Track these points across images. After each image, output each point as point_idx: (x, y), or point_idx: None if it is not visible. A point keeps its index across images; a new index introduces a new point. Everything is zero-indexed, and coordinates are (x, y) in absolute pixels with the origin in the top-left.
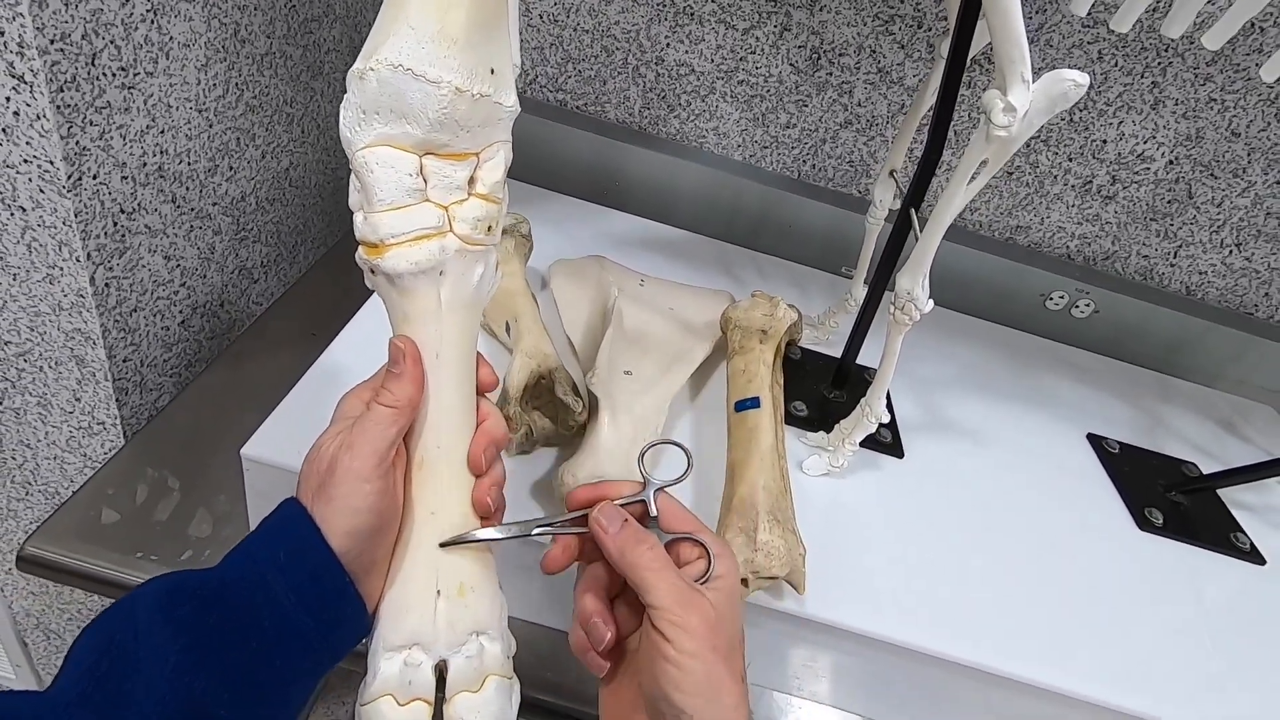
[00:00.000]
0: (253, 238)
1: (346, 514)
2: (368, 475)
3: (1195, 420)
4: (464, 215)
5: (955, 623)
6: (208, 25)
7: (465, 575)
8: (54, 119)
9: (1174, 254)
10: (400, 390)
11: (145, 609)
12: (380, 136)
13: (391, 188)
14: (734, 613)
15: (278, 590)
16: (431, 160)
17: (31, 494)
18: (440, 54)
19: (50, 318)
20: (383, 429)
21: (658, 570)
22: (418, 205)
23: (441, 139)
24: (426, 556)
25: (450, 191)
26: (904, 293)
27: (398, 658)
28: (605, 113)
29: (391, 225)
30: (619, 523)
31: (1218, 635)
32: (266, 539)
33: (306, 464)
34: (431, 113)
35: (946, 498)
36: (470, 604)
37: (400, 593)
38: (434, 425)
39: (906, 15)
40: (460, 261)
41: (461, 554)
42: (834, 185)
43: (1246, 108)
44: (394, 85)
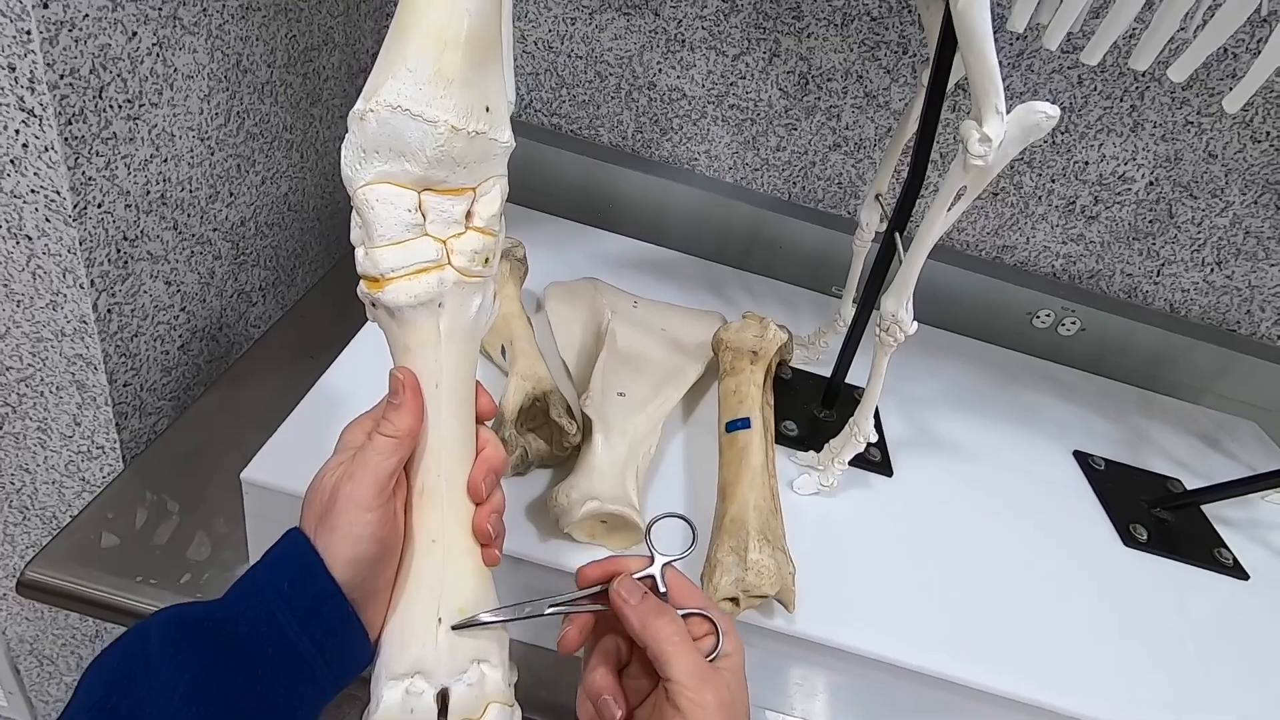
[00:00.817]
0: (251, 262)
1: (349, 543)
2: (369, 504)
3: (1179, 436)
4: (461, 248)
5: (944, 639)
6: (211, 57)
7: (467, 603)
8: (62, 150)
9: (1157, 272)
10: (400, 421)
11: (155, 641)
12: (380, 174)
13: (391, 223)
14: (743, 692)
15: (283, 620)
16: (430, 196)
17: (29, 518)
18: (437, 94)
19: (52, 343)
20: (383, 459)
21: (678, 644)
22: (417, 240)
23: (439, 175)
24: (428, 584)
25: (448, 226)
26: (889, 314)
27: (400, 686)
28: (599, 136)
29: (392, 260)
30: (639, 595)
31: (1203, 650)
32: (271, 570)
33: (309, 493)
34: (429, 150)
35: (935, 515)
36: (471, 631)
37: (402, 621)
38: (434, 454)
39: (891, 41)
40: (458, 293)
41: (463, 581)
42: (823, 206)
43: (1222, 130)
44: (393, 125)
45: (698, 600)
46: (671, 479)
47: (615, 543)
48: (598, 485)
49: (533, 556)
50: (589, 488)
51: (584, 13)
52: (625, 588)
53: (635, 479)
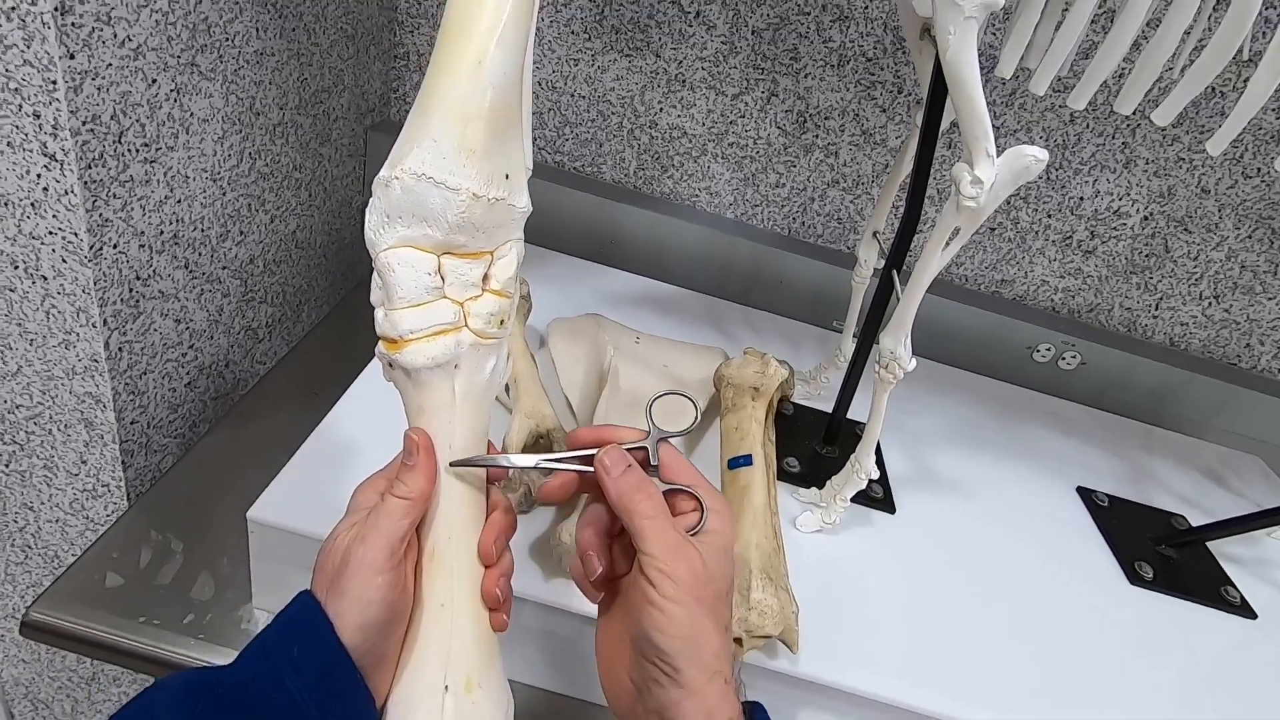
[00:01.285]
0: (259, 299)
1: (359, 607)
2: (380, 567)
3: (1183, 472)
4: (478, 311)
5: (949, 681)
6: (226, 101)
7: (473, 671)
8: (81, 194)
9: (1155, 306)
10: (414, 482)
11: (163, 709)
12: (402, 239)
13: (411, 286)
14: (723, 568)
15: (291, 688)
16: (449, 259)
17: (31, 558)
18: (460, 164)
19: (63, 382)
20: (395, 521)
21: (652, 518)
22: (436, 302)
23: (459, 240)
24: (435, 651)
25: (466, 288)
26: (887, 352)
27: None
28: (602, 174)
29: (411, 322)
30: (622, 467)
31: (1212, 690)
32: (281, 634)
33: (321, 555)
34: (451, 217)
35: (939, 553)
36: (478, 701)
37: (408, 688)
38: (445, 516)
39: (887, 81)
40: (474, 355)
41: (469, 645)
42: (823, 242)
43: (1214, 165)
44: (416, 192)
45: (690, 477)
46: None
47: None
48: None
49: (535, 596)
50: None
51: (587, 54)
52: (610, 458)
53: None
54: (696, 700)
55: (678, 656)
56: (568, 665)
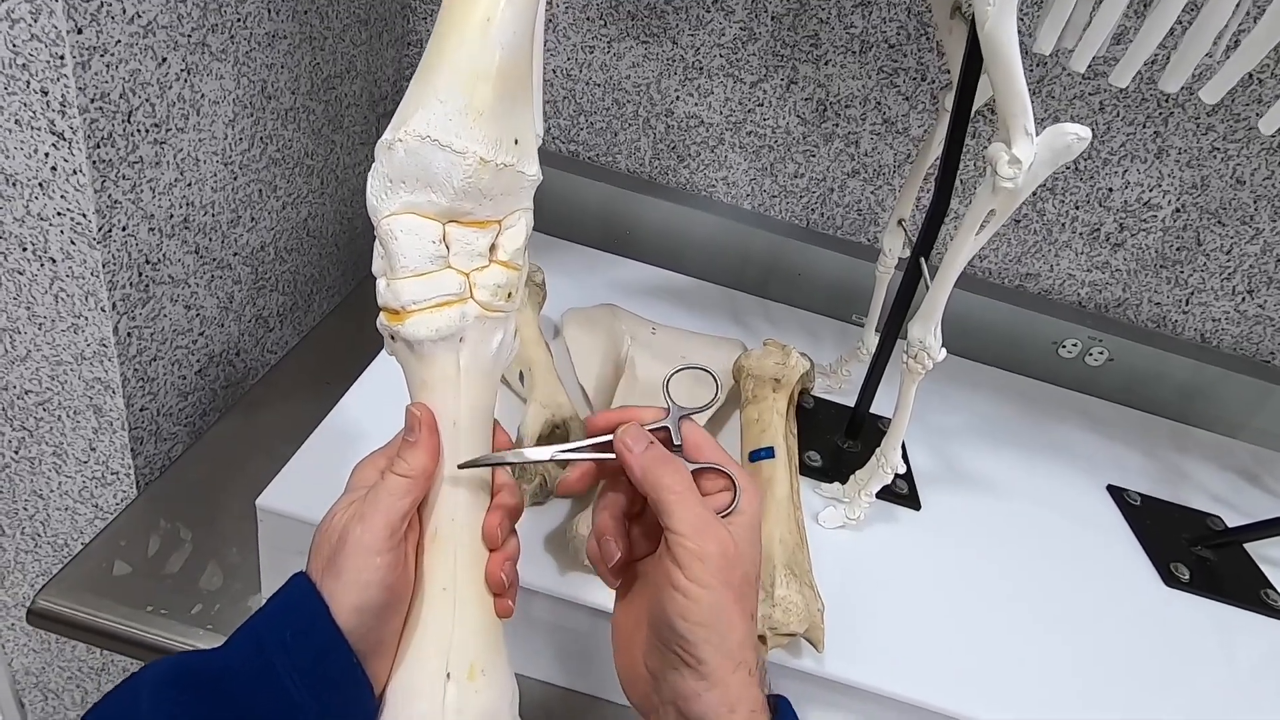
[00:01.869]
0: (270, 286)
1: (355, 589)
2: (379, 548)
3: (1216, 471)
4: (485, 282)
5: (977, 682)
6: (237, 83)
7: (476, 656)
8: (90, 174)
9: (1186, 301)
10: (415, 460)
11: (149, 693)
12: (405, 205)
13: (415, 254)
14: (753, 551)
15: (282, 675)
16: (454, 228)
17: (40, 545)
18: (466, 126)
19: (72, 367)
20: (395, 500)
21: (680, 494)
22: (440, 272)
23: (465, 207)
24: (436, 637)
25: (472, 258)
26: (916, 342)
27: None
28: (617, 163)
29: (414, 292)
30: (644, 443)
31: (1250, 696)
32: (273, 618)
33: (318, 535)
34: (456, 182)
35: (966, 551)
36: (481, 689)
37: (409, 675)
38: (449, 496)
39: (910, 69)
40: (480, 328)
41: (473, 631)
42: (842, 233)
43: (1250, 156)
44: (421, 155)
45: (715, 454)
46: None
47: None
48: None
49: (550, 590)
50: None
51: (602, 41)
52: (631, 435)
53: None
54: (719, 692)
55: (702, 645)
56: (581, 660)
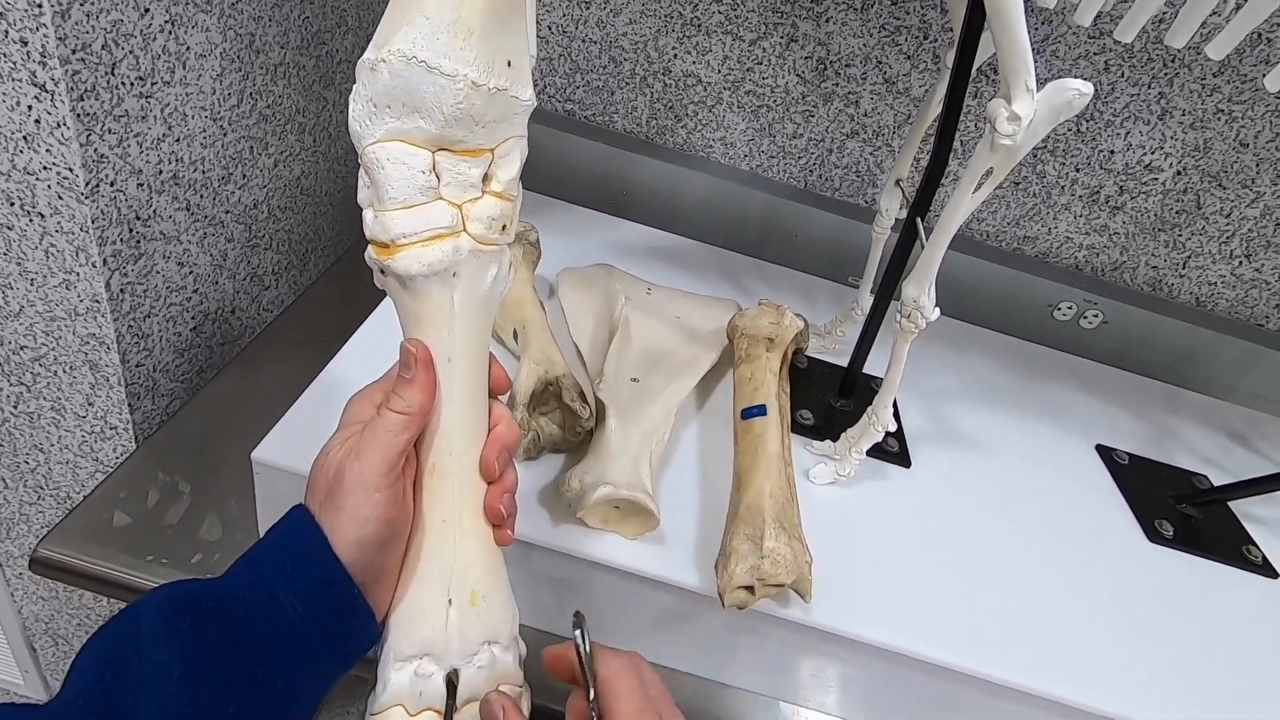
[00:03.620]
0: (264, 245)
1: (355, 523)
2: (377, 484)
3: (1206, 432)
4: (478, 214)
5: (963, 633)
6: (223, 36)
7: (477, 583)
8: (74, 127)
9: (1183, 265)
10: (412, 396)
11: (149, 620)
12: (391, 131)
13: (403, 185)
14: None
15: (283, 600)
16: (445, 156)
17: (44, 498)
18: (456, 45)
19: (65, 323)
20: (393, 436)
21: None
22: (430, 204)
23: (456, 135)
24: (438, 565)
25: (464, 189)
26: (910, 301)
27: (408, 668)
28: (613, 123)
29: (403, 224)
30: None
31: (1230, 649)
32: (273, 548)
33: (314, 469)
34: (446, 107)
35: (954, 508)
36: (482, 613)
37: (411, 602)
38: (446, 431)
39: (912, 26)
40: (474, 262)
41: (474, 559)
42: (840, 195)
43: (1254, 118)
44: (407, 78)
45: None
46: (686, 467)
47: (628, 529)
48: (611, 471)
49: (545, 542)
50: (602, 473)
51: None
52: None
53: (649, 465)
54: None
55: None
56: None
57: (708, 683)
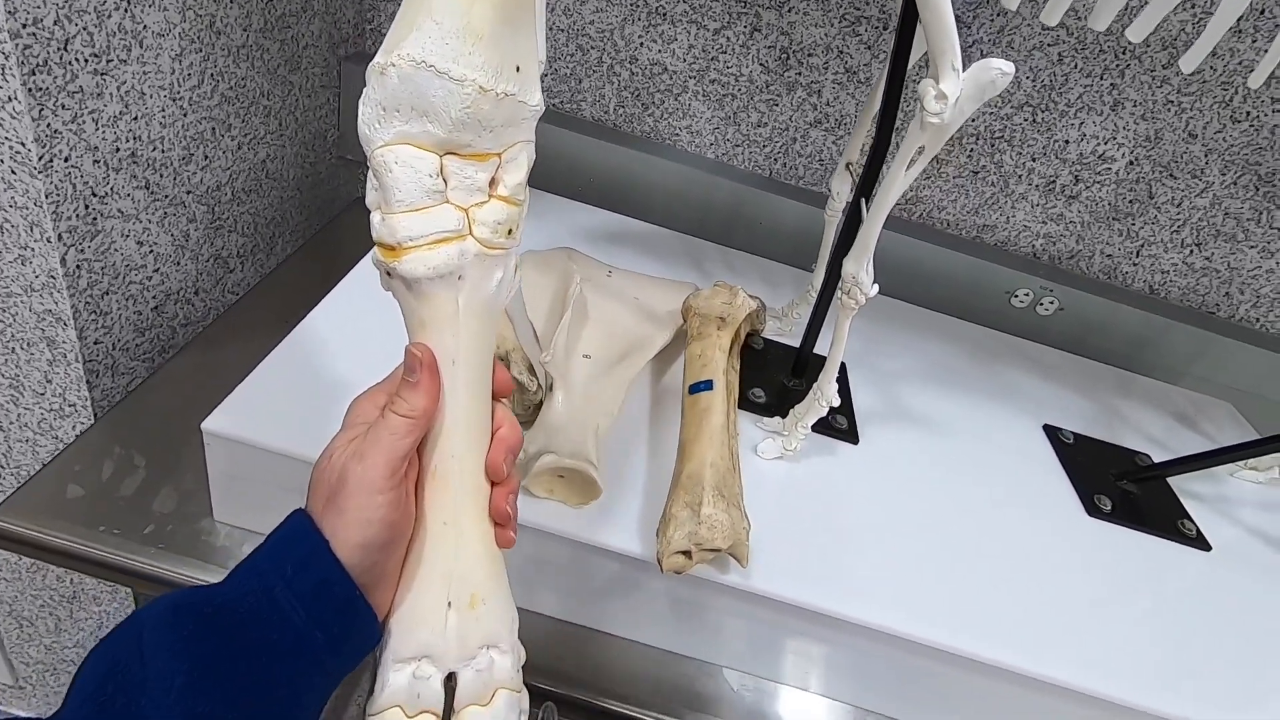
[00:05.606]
0: (228, 227)
1: (358, 526)
2: (380, 487)
3: (1153, 414)
4: (484, 218)
5: (899, 599)
6: (182, 16)
7: (477, 586)
8: (25, 101)
9: (1136, 253)
10: (416, 400)
11: (150, 628)
12: (400, 135)
13: (411, 188)
14: None
15: (285, 604)
16: (452, 160)
17: (4, 476)
18: (465, 50)
19: (22, 299)
20: (397, 439)
21: None
22: (438, 207)
23: (464, 139)
24: (439, 568)
25: (471, 193)
26: (849, 277)
27: (407, 670)
28: (581, 111)
29: (410, 227)
30: None
31: (1161, 617)
32: (273, 552)
33: (316, 471)
34: (454, 112)
35: (899, 482)
36: (481, 616)
37: (411, 604)
38: (449, 434)
39: (872, 17)
40: (479, 266)
41: (474, 562)
42: (804, 183)
43: (1202, 109)
44: (415, 82)
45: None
46: (635, 441)
47: (573, 498)
48: (556, 440)
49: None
50: (546, 442)
51: None
52: None
53: (595, 438)
54: None
55: None
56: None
57: (653, 650)
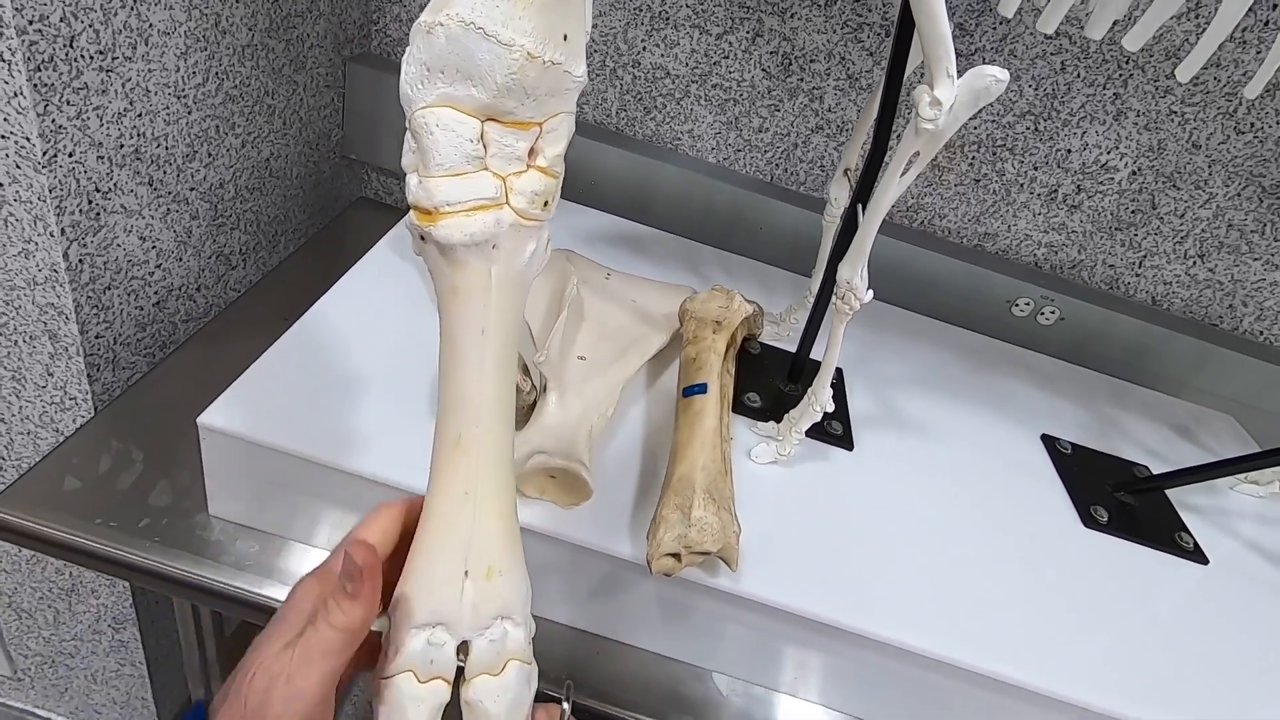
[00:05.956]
0: (231, 225)
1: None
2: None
3: (1153, 426)
4: (522, 188)
5: (891, 606)
6: (188, 14)
7: (494, 558)
8: (31, 96)
9: (1139, 264)
10: (353, 611)
11: None
12: (443, 97)
13: (451, 152)
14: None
15: None
16: (493, 127)
17: (4, 469)
18: (515, 14)
19: (25, 292)
20: (330, 659)
21: None
22: (476, 173)
23: (506, 106)
24: (456, 537)
25: (510, 162)
26: (844, 282)
27: (421, 635)
28: (583, 114)
29: (448, 192)
30: None
31: (1155, 629)
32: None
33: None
34: (500, 76)
35: (894, 490)
36: (497, 588)
37: (427, 571)
38: (474, 404)
39: (875, 23)
40: (514, 236)
41: (493, 534)
42: (805, 189)
43: (1206, 120)
44: (463, 43)
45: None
46: (629, 443)
47: (563, 499)
48: (548, 441)
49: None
50: (538, 442)
51: None
52: None
53: (588, 439)
54: None
55: None
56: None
57: (642, 652)
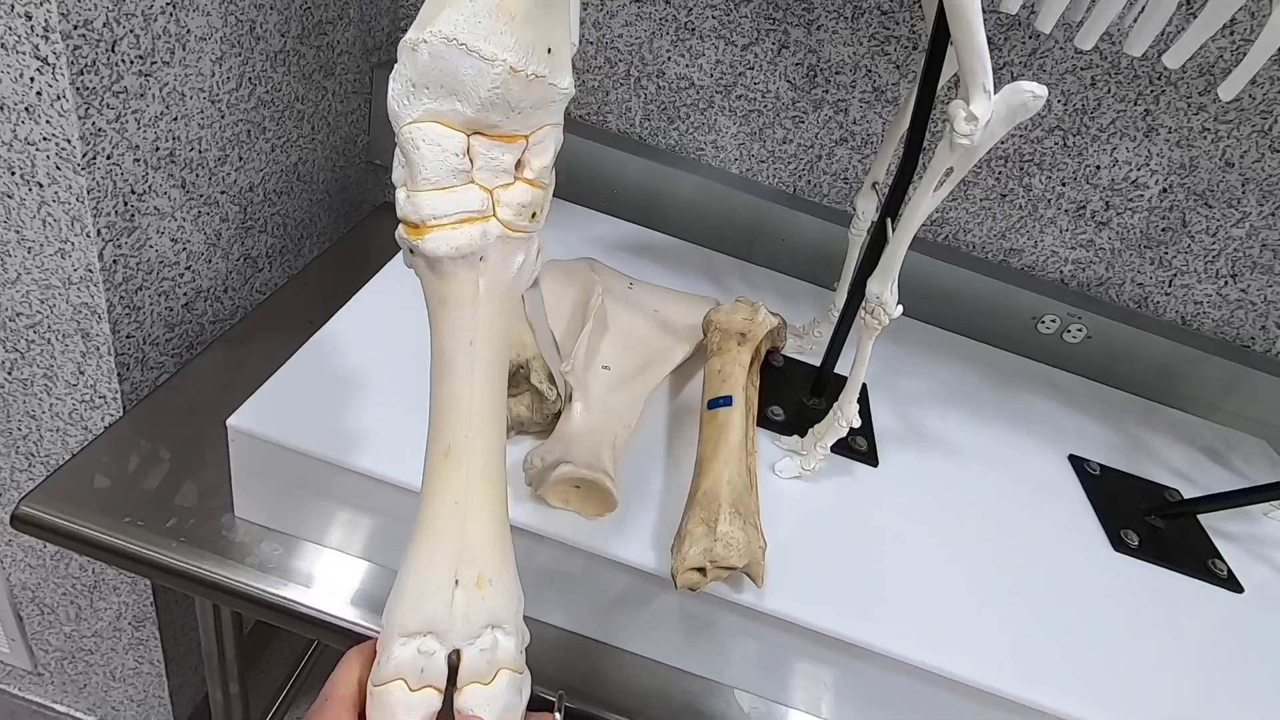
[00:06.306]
0: (259, 227)
1: None
2: None
3: (1183, 448)
4: (509, 200)
5: (916, 627)
6: (224, 20)
7: (484, 567)
8: (73, 100)
9: (1169, 283)
10: None
11: None
12: (429, 112)
13: (437, 167)
14: None
15: None
16: (480, 140)
17: (34, 465)
18: (497, 29)
19: (60, 291)
20: None
21: None
22: (463, 187)
23: (492, 119)
24: (447, 545)
25: (497, 174)
26: (873, 297)
27: (412, 644)
28: (607, 123)
29: (434, 206)
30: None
31: (1186, 659)
32: None
33: None
34: (483, 91)
35: (919, 508)
36: (488, 597)
37: (418, 579)
38: (464, 413)
39: (902, 36)
40: (502, 248)
41: (483, 543)
42: (828, 201)
43: (1240, 138)
44: (446, 59)
45: None
46: (653, 454)
47: (588, 510)
48: (572, 450)
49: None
50: (563, 452)
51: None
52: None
53: (613, 449)
54: None
55: None
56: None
57: (662, 666)
